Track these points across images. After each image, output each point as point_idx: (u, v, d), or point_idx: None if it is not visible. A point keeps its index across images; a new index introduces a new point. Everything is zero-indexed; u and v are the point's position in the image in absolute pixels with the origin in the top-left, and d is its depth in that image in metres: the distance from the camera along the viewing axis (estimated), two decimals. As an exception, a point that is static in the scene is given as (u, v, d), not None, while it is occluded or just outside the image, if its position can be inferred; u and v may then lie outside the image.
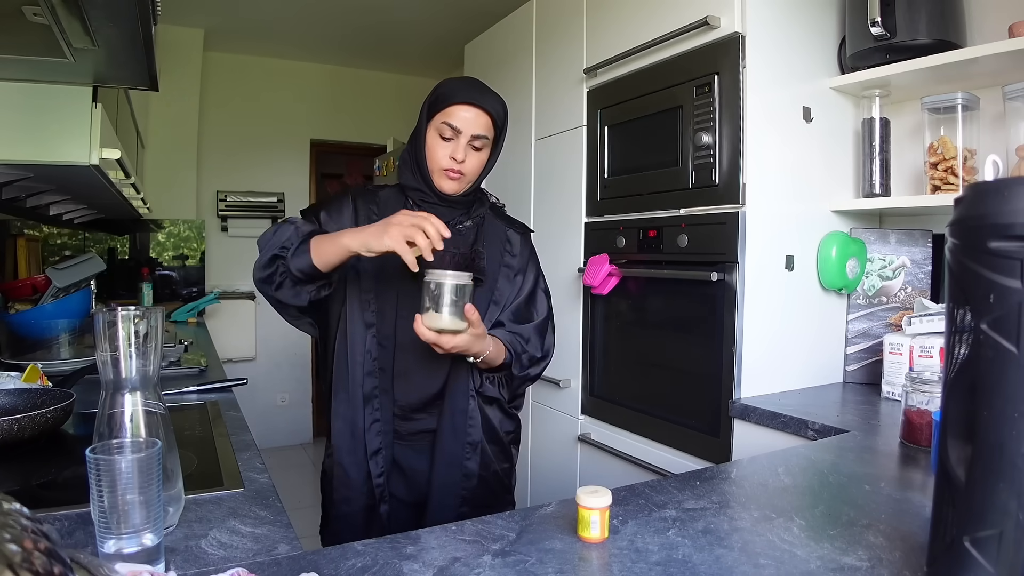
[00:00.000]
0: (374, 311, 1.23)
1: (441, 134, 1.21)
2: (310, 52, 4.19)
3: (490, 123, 1.23)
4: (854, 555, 0.71)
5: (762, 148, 1.58)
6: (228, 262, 4.15)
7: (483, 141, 1.23)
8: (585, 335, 2.09)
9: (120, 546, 0.64)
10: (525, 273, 1.34)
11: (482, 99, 1.21)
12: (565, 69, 2.18)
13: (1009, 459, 0.53)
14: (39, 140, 1.31)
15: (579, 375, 2.12)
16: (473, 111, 1.21)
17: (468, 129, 1.20)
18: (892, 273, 1.71)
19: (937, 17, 1.50)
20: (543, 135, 2.31)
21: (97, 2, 0.84)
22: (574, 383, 2.14)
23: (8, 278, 2.46)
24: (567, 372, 2.14)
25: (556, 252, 2.23)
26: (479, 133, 1.21)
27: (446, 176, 1.23)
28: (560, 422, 2.21)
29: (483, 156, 1.25)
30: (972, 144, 1.52)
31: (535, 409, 2.37)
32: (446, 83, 1.25)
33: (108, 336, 0.74)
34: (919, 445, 1.13)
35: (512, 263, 1.32)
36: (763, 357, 1.60)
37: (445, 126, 1.21)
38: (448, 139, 1.21)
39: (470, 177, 1.25)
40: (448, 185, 1.23)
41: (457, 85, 1.23)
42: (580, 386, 2.12)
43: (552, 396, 2.23)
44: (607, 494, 0.74)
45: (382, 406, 1.23)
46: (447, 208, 1.26)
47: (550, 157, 2.28)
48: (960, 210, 0.58)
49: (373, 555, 0.70)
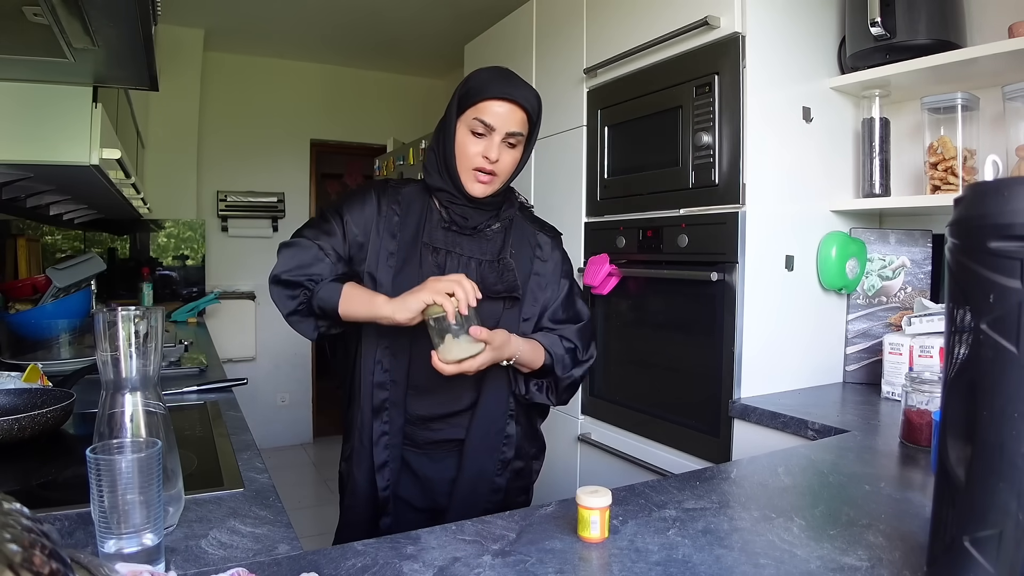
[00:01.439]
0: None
1: (473, 130, 1.13)
2: (310, 52, 4.19)
3: (525, 118, 1.14)
4: (854, 555, 0.71)
5: (762, 148, 1.58)
6: (228, 262, 4.15)
7: (517, 138, 1.14)
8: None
9: (120, 546, 0.64)
10: (559, 281, 1.26)
11: (517, 92, 1.12)
12: (565, 69, 2.18)
13: (1009, 459, 0.53)
14: (39, 140, 1.31)
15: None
16: (507, 106, 1.11)
17: (502, 126, 1.12)
18: (892, 273, 1.72)
19: (937, 17, 1.50)
20: (543, 135, 2.31)
21: (97, 2, 0.84)
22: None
23: (8, 278, 2.46)
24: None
25: (556, 252, 2.23)
26: (514, 130, 1.13)
27: (476, 177, 1.14)
28: (560, 422, 2.21)
29: (516, 154, 1.17)
30: (972, 144, 1.52)
31: None
32: (477, 75, 1.16)
33: (108, 336, 0.74)
34: (919, 445, 1.13)
35: (543, 270, 1.25)
36: (763, 357, 1.60)
37: (477, 122, 1.12)
38: (480, 135, 1.12)
39: (502, 177, 1.17)
40: (478, 187, 1.15)
41: (489, 77, 1.14)
42: (580, 386, 2.12)
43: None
44: (607, 494, 0.74)
45: (391, 419, 1.18)
46: (475, 210, 1.19)
47: (550, 157, 2.28)
48: (960, 210, 0.58)
49: (373, 555, 0.70)
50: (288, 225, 4.31)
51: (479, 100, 1.12)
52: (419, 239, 1.19)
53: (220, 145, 4.08)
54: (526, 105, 1.13)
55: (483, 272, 1.18)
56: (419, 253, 1.18)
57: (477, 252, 1.20)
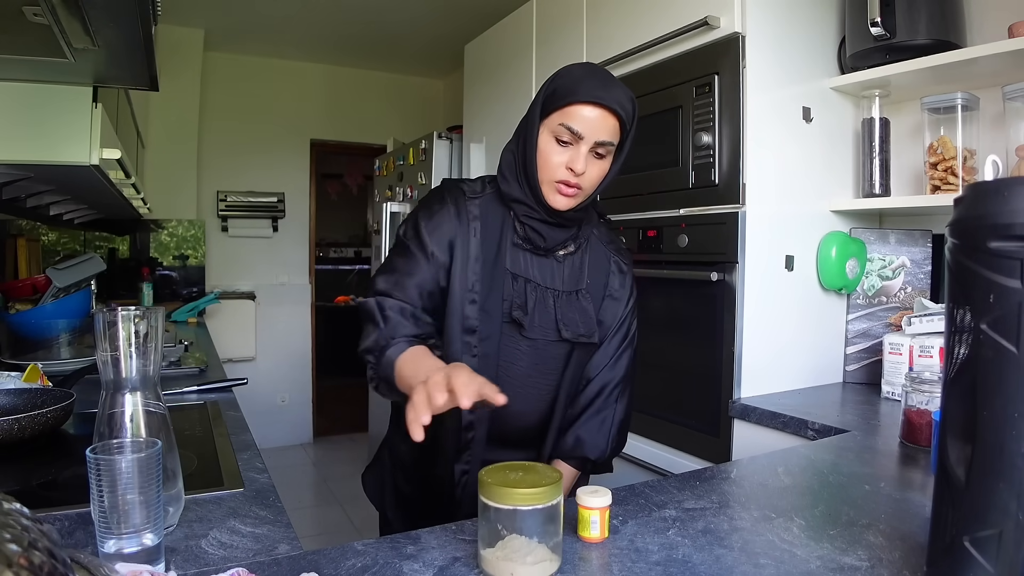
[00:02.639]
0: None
1: (558, 137, 0.99)
2: (310, 52, 4.19)
3: (617, 127, 1.00)
4: (854, 555, 0.71)
5: (762, 148, 1.58)
6: (228, 262, 4.15)
7: (608, 148, 1.00)
8: (585, 335, 2.09)
9: (120, 546, 0.64)
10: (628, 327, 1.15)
11: (610, 96, 0.98)
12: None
13: (1009, 459, 0.53)
14: (39, 140, 1.31)
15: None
16: (599, 112, 0.98)
17: (591, 134, 0.98)
18: (892, 273, 1.72)
19: (937, 17, 1.50)
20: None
21: (97, 2, 0.84)
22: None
23: (8, 278, 2.46)
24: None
25: (556, 252, 2.23)
26: (604, 139, 0.99)
27: (558, 190, 1.01)
28: None
29: (605, 165, 1.02)
30: (972, 144, 1.52)
31: None
32: (567, 73, 1.03)
33: (108, 336, 0.74)
34: (919, 445, 1.13)
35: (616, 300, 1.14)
36: (763, 357, 1.60)
37: (563, 128, 0.98)
38: (566, 144, 0.99)
39: (587, 191, 1.03)
40: (560, 201, 1.01)
41: (580, 76, 1.01)
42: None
43: None
44: (607, 494, 0.74)
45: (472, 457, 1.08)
46: (554, 228, 1.06)
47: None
48: (960, 210, 0.58)
49: (373, 555, 0.70)
50: (288, 225, 4.31)
51: (567, 103, 0.98)
52: (501, 262, 1.05)
53: (220, 145, 4.08)
54: (620, 111, 0.99)
55: (561, 309, 1.07)
56: (502, 280, 1.04)
57: (551, 281, 1.07)
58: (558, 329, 1.06)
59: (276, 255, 4.32)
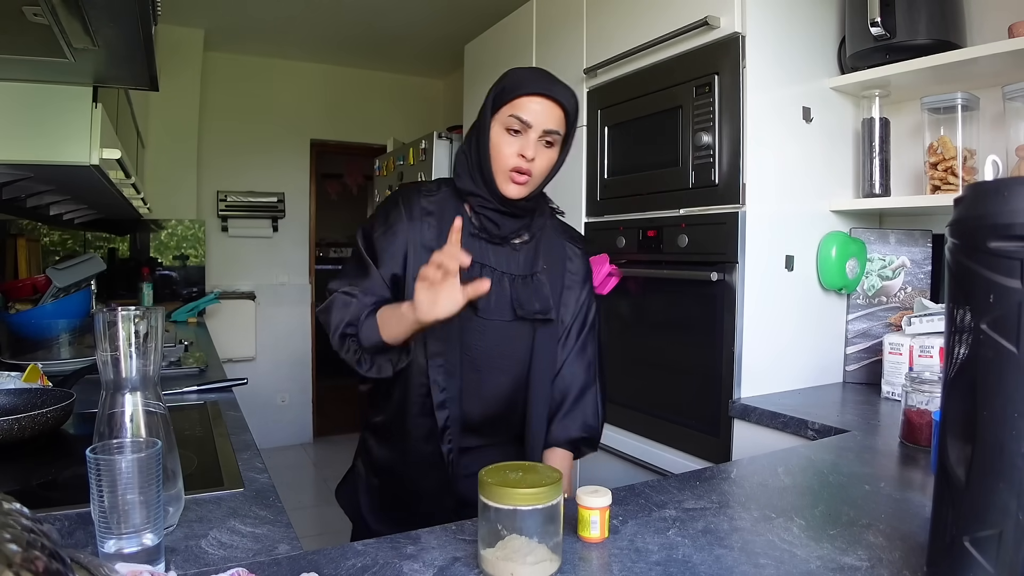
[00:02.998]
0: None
1: (508, 128, 1.08)
2: (310, 52, 4.19)
3: (563, 117, 1.09)
4: (854, 555, 0.71)
5: (762, 148, 1.58)
6: (228, 262, 4.15)
7: (555, 136, 1.09)
8: (585, 335, 2.09)
9: (120, 546, 0.64)
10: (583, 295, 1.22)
11: (555, 89, 1.08)
12: (565, 69, 2.18)
13: (1009, 459, 0.53)
14: (39, 140, 1.31)
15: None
16: (545, 103, 1.07)
17: (539, 123, 1.07)
18: (892, 273, 1.72)
19: (937, 17, 1.50)
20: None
21: (97, 2, 0.84)
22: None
23: (8, 278, 2.46)
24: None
25: (556, 252, 2.23)
26: (551, 128, 1.08)
27: (511, 179, 1.08)
28: None
29: (553, 155, 1.11)
30: (972, 144, 1.52)
31: None
32: (514, 72, 1.13)
33: (108, 336, 0.74)
34: (919, 445, 1.13)
35: (573, 284, 1.21)
36: (763, 357, 1.60)
37: (513, 119, 1.07)
38: (516, 133, 1.08)
39: (537, 178, 1.11)
40: (513, 189, 1.09)
41: (527, 74, 1.12)
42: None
43: None
44: (607, 494, 0.74)
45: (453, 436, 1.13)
46: (507, 217, 1.13)
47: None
48: (960, 210, 0.58)
49: (373, 555, 0.70)
50: (288, 225, 4.31)
51: (516, 96, 1.07)
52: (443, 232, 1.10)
53: (220, 145, 4.08)
54: (565, 103, 1.09)
55: (516, 290, 1.14)
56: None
57: (506, 266, 1.14)
58: (513, 309, 1.13)
59: (276, 255, 4.32)
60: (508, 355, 1.14)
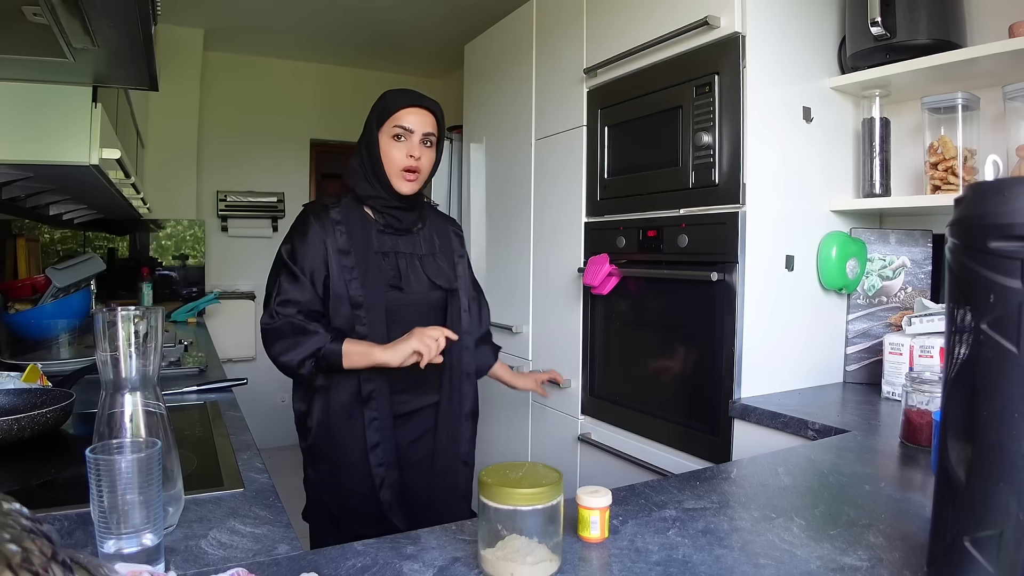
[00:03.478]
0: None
1: (394, 136, 1.34)
2: (310, 52, 4.19)
3: (435, 122, 1.37)
4: (854, 555, 0.71)
5: (762, 148, 1.58)
6: (228, 262, 4.15)
7: (432, 138, 1.36)
8: (585, 335, 2.09)
9: (120, 546, 0.64)
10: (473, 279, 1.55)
11: (425, 101, 1.36)
12: (565, 69, 2.18)
13: (1009, 459, 0.53)
14: (39, 140, 1.31)
15: (579, 375, 2.12)
16: (420, 111, 1.34)
17: (419, 128, 1.34)
18: (892, 273, 1.71)
19: (937, 17, 1.50)
20: (543, 135, 2.31)
21: (97, 2, 0.84)
22: (574, 383, 2.13)
23: (8, 278, 2.46)
24: (567, 372, 2.14)
25: (556, 252, 2.23)
26: (428, 131, 1.35)
27: (403, 177, 1.34)
28: (560, 422, 2.21)
29: (432, 153, 1.37)
30: (972, 144, 1.52)
31: (535, 409, 2.37)
32: (390, 93, 1.38)
33: (108, 336, 0.74)
34: (919, 445, 1.13)
35: (461, 261, 1.49)
36: (763, 357, 1.60)
37: (398, 128, 1.33)
38: (401, 140, 1.34)
39: (423, 175, 1.37)
40: (406, 186, 1.34)
41: (400, 93, 1.38)
42: (580, 386, 2.12)
43: (552, 396, 2.23)
44: (607, 494, 0.74)
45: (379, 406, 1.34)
46: (404, 212, 1.39)
47: (550, 157, 2.28)
48: (960, 210, 0.58)
49: (373, 555, 0.70)
50: (288, 225, 4.30)
51: (396, 111, 1.34)
52: (370, 248, 1.34)
53: (220, 145, 4.08)
54: (434, 110, 1.37)
55: (428, 268, 1.40)
56: (375, 261, 1.34)
57: (413, 249, 1.40)
58: (431, 282, 1.39)
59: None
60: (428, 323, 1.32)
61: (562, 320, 2.21)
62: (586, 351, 2.09)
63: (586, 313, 2.09)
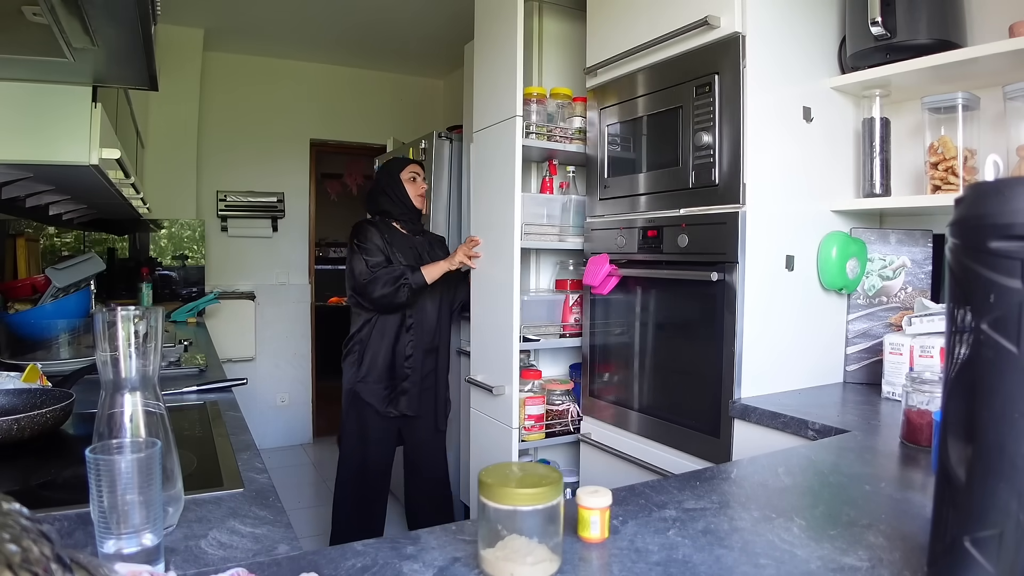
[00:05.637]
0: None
1: (410, 179, 2.38)
2: (310, 52, 4.19)
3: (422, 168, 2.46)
4: (854, 555, 0.71)
5: (762, 148, 1.58)
6: (228, 262, 4.15)
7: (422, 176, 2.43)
8: (585, 335, 2.09)
9: (120, 546, 0.64)
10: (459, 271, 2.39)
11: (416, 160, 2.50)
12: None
13: (1009, 459, 0.53)
14: (39, 140, 1.31)
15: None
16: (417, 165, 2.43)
17: (420, 172, 2.41)
18: (892, 273, 1.71)
19: (937, 17, 1.50)
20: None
21: (97, 2, 0.84)
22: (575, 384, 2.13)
23: (8, 278, 2.46)
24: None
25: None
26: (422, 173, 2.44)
27: (420, 200, 2.39)
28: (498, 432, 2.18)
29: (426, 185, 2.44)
30: (972, 144, 1.52)
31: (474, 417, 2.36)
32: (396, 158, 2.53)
33: (108, 336, 0.74)
34: (919, 445, 1.12)
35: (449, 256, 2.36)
36: (763, 357, 1.60)
37: (412, 173, 2.39)
38: (415, 179, 2.39)
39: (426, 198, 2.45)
40: (421, 203, 2.41)
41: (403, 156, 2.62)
42: (580, 386, 2.11)
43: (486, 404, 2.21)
44: (607, 494, 0.74)
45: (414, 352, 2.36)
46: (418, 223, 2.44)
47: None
48: (960, 210, 0.58)
49: (373, 555, 0.70)
50: (288, 225, 4.31)
51: (408, 165, 2.40)
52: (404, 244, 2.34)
53: (220, 145, 4.08)
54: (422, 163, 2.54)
55: (432, 255, 2.39)
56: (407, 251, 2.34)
57: (423, 247, 2.41)
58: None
59: (276, 255, 4.32)
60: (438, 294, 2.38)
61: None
62: (586, 351, 2.09)
63: (586, 313, 2.09)
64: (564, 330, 2.27)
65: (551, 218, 2.20)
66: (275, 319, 4.29)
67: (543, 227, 2.18)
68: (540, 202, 2.20)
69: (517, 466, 0.70)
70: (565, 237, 2.22)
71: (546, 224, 2.19)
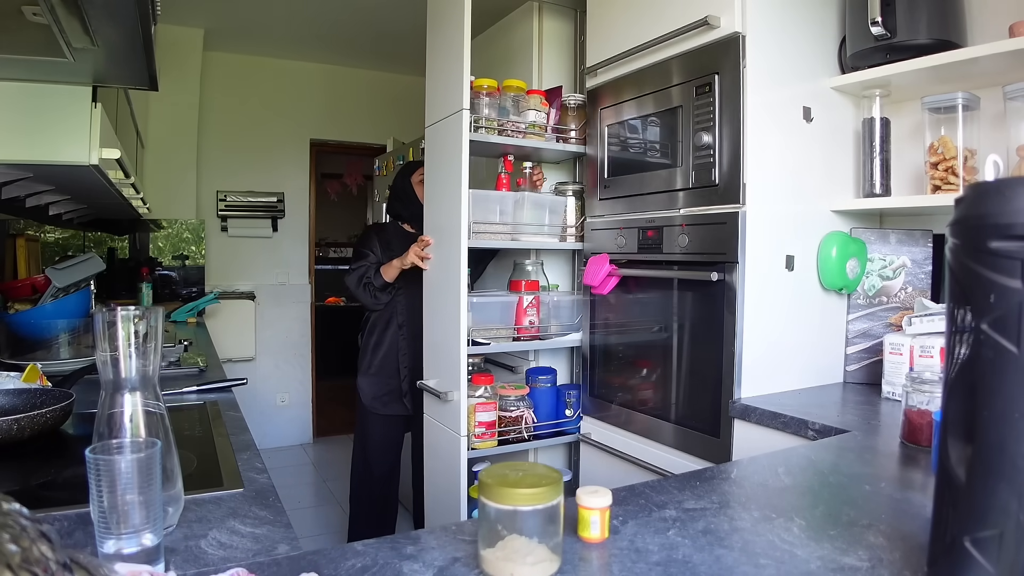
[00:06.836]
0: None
1: (420, 181, 2.30)
2: (310, 52, 4.19)
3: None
4: (854, 555, 0.71)
5: (762, 148, 1.58)
6: (228, 262, 4.15)
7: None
8: (585, 335, 2.09)
9: (120, 546, 0.64)
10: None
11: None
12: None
13: (1009, 459, 0.53)
14: (39, 140, 1.31)
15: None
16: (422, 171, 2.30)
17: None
18: (892, 273, 1.71)
19: (937, 17, 1.50)
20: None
21: (97, 2, 0.84)
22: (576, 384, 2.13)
23: (8, 278, 2.46)
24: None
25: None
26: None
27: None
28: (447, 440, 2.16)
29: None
30: (972, 144, 1.52)
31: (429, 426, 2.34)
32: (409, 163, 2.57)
33: (108, 336, 0.74)
34: (919, 445, 1.12)
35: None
36: (763, 357, 1.60)
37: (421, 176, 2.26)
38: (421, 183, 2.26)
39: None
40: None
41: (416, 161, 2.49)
42: (580, 386, 2.11)
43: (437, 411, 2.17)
44: (607, 494, 0.74)
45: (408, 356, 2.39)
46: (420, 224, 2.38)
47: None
48: (960, 210, 0.58)
49: (373, 555, 0.70)
50: (288, 225, 4.31)
51: (417, 168, 2.38)
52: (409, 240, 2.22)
53: (220, 145, 4.08)
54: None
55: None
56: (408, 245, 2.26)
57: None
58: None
59: (276, 255, 4.32)
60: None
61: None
62: (586, 351, 2.09)
63: (586, 313, 2.09)
64: (519, 333, 2.05)
65: (503, 216, 2.02)
66: (275, 319, 4.29)
67: (494, 225, 2.00)
68: (492, 199, 2.01)
69: (517, 466, 0.70)
70: (518, 236, 2.04)
71: (498, 223, 2.01)
